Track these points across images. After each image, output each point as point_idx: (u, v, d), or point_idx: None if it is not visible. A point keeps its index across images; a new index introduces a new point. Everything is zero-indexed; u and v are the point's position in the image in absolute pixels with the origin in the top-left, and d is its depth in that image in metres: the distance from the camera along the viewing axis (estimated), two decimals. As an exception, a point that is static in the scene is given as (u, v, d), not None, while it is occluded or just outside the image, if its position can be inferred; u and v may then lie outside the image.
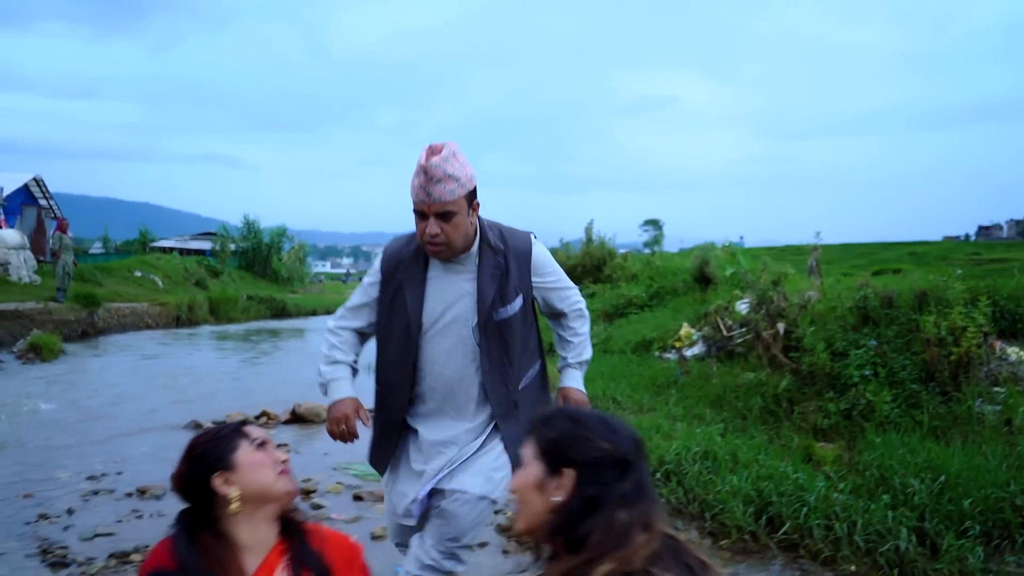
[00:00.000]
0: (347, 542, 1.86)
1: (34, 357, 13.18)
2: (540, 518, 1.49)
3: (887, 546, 3.91)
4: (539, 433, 1.54)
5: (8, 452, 6.28)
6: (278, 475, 1.78)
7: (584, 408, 1.65)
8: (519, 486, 1.54)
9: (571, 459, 1.47)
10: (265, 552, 1.77)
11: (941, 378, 5.85)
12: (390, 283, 2.51)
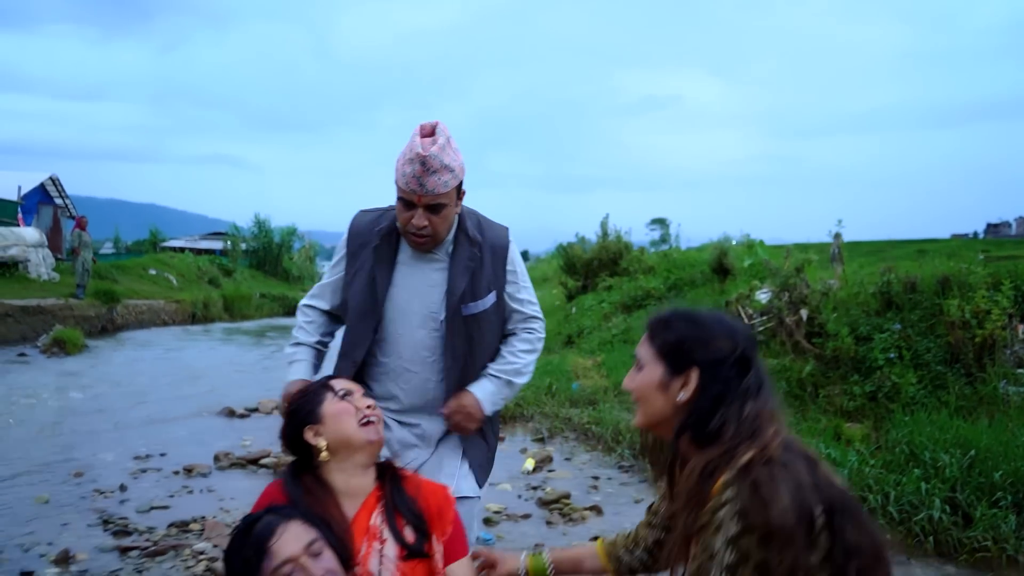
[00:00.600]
0: (442, 492, 1.97)
1: (58, 351, 13.35)
2: (663, 416, 1.59)
3: (921, 515, 4.04)
4: (657, 335, 1.61)
5: (51, 437, 6.45)
6: (360, 425, 1.90)
7: (700, 308, 1.72)
8: (641, 387, 1.60)
9: (694, 359, 1.54)
10: (363, 498, 1.89)
11: (966, 360, 5.96)
12: (355, 261, 2.32)
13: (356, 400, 1.94)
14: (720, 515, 1.41)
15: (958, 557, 3.82)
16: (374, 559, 1.84)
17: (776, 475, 1.40)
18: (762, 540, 1.37)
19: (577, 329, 12.00)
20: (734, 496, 1.39)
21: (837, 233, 7.97)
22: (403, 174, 2.12)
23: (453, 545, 1.89)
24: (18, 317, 15.19)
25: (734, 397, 1.52)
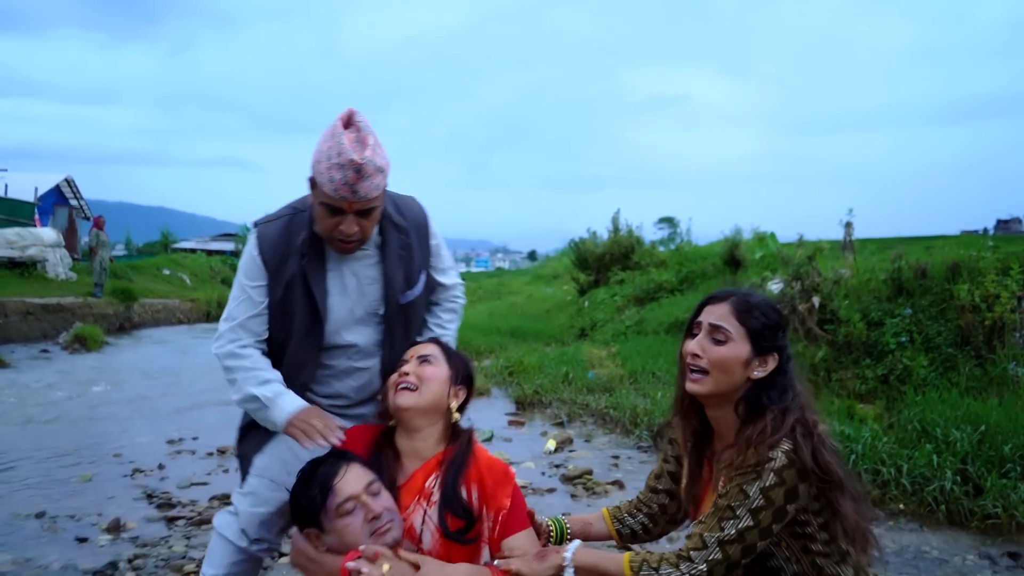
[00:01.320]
0: (501, 464, 2.13)
1: (79, 348, 13.59)
2: (732, 387, 1.85)
3: (933, 486, 4.18)
4: (749, 316, 1.85)
5: (84, 423, 6.66)
6: (395, 391, 2.08)
7: (762, 295, 1.97)
8: (726, 359, 1.83)
9: (776, 344, 1.85)
10: (424, 460, 2.08)
11: (976, 342, 6.10)
12: (278, 281, 2.13)
13: (401, 368, 2.09)
14: (766, 468, 1.73)
15: (969, 524, 3.96)
16: (418, 516, 2.01)
17: (816, 444, 1.75)
18: (789, 491, 1.71)
19: (590, 322, 12.16)
20: (778, 457, 1.72)
21: (848, 222, 8.11)
22: (330, 180, 1.95)
23: (512, 518, 2.04)
24: (39, 315, 15.44)
25: (791, 379, 1.83)
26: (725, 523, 1.74)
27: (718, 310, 1.88)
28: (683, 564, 1.76)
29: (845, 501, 1.77)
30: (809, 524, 1.79)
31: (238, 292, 2.15)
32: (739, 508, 1.73)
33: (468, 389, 2.17)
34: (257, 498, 2.12)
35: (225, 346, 2.13)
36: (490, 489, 2.04)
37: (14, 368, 10.59)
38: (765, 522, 1.73)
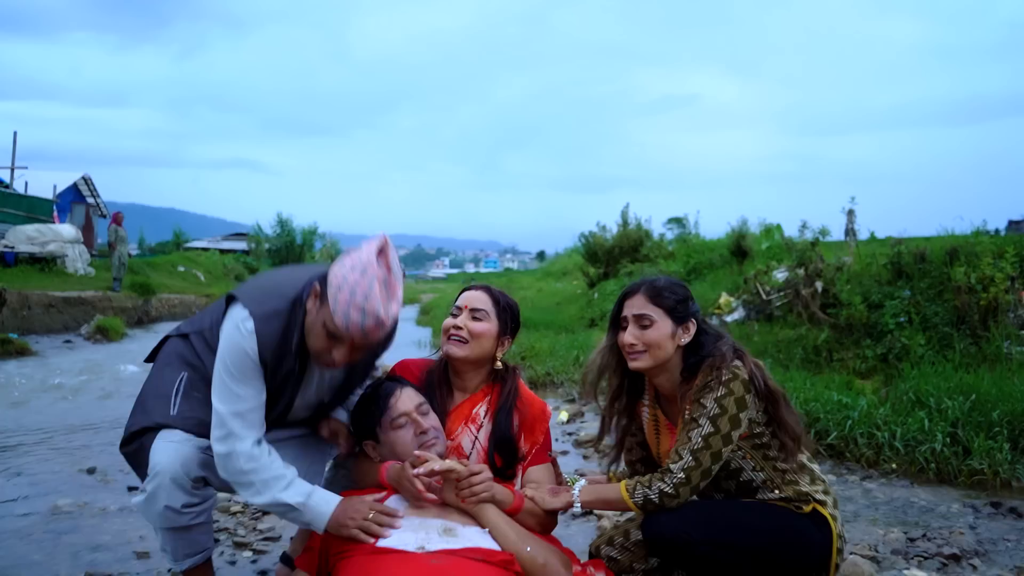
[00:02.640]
0: (540, 403, 2.46)
1: (102, 338, 13.97)
2: (667, 357, 2.26)
3: (924, 448, 4.45)
4: (661, 299, 2.26)
5: (119, 400, 6.99)
6: (447, 340, 2.38)
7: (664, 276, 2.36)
8: (656, 338, 2.27)
9: (690, 313, 2.27)
10: (471, 394, 2.41)
11: (971, 322, 6.35)
12: (273, 376, 2.10)
13: (455, 320, 2.37)
14: (715, 381, 2.15)
15: (956, 481, 4.22)
16: (467, 439, 2.34)
17: (743, 359, 2.20)
18: (738, 400, 2.12)
19: (600, 312, 12.45)
20: (716, 373, 2.15)
21: (850, 210, 8.37)
22: (346, 316, 1.92)
23: (540, 451, 2.38)
24: (60, 308, 15.84)
25: (712, 331, 2.29)
26: (692, 433, 2.12)
27: (636, 301, 2.28)
28: (666, 476, 2.12)
29: (785, 413, 2.20)
30: (763, 435, 2.20)
31: (235, 388, 2.02)
32: (700, 418, 2.12)
33: (514, 336, 2.46)
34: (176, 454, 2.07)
35: (235, 445, 2.01)
36: (529, 423, 2.38)
37: (42, 356, 10.95)
38: (724, 429, 2.10)
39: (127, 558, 2.98)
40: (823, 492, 2.26)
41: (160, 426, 2.11)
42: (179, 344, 2.28)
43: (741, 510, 2.25)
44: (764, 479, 2.23)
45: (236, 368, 2.02)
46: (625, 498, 2.15)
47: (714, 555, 2.18)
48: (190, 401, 2.15)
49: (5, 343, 11.27)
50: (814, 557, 2.25)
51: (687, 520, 2.21)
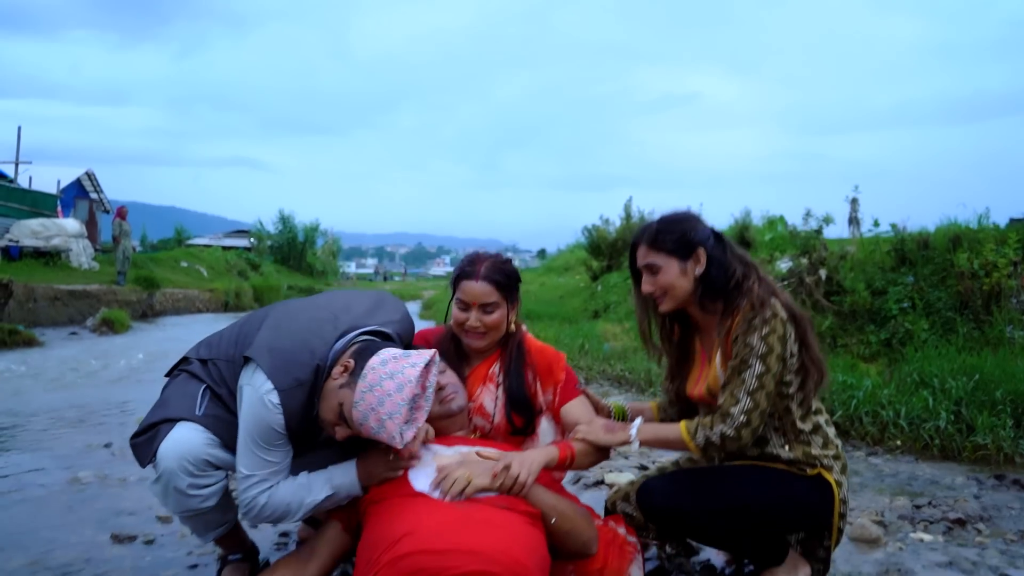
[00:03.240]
0: (550, 351, 2.53)
1: (107, 330, 14.04)
2: (687, 294, 2.28)
3: (928, 425, 4.51)
4: (659, 242, 2.29)
5: (129, 385, 7.07)
6: (465, 334, 2.44)
7: (666, 213, 2.38)
8: (666, 282, 2.31)
9: (695, 241, 2.27)
10: (486, 357, 2.48)
11: (974, 307, 6.41)
12: (296, 435, 2.11)
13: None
14: (757, 320, 2.09)
15: (961, 457, 4.28)
16: (488, 397, 2.41)
17: (779, 292, 2.22)
18: (781, 338, 2.14)
19: (604, 304, 12.51)
20: (760, 312, 2.15)
21: (854, 199, 8.43)
22: (363, 419, 1.95)
23: (566, 389, 2.45)
24: (66, 300, 15.91)
25: (727, 256, 2.26)
26: (745, 374, 2.14)
27: (640, 252, 2.34)
28: (727, 419, 2.15)
29: (811, 336, 2.23)
30: (791, 384, 2.22)
31: (265, 456, 2.04)
32: (750, 358, 2.13)
33: (517, 294, 2.51)
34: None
35: (268, 498, 2.06)
36: (544, 369, 2.44)
37: (49, 347, 11.02)
38: (774, 368, 2.13)
39: (150, 522, 3.04)
40: (833, 457, 2.29)
41: (181, 419, 2.12)
42: (199, 367, 2.26)
43: (735, 476, 2.29)
44: (778, 427, 2.28)
45: (264, 440, 2.01)
46: (686, 439, 2.19)
47: (708, 524, 2.25)
48: (215, 411, 2.16)
49: (12, 333, 11.35)
50: (812, 521, 2.30)
51: (680, 490, 2.28)
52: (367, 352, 2.02)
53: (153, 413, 2.18)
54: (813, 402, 2.31)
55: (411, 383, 1.93)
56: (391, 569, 1.78)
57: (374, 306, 2.28)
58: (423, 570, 1.75)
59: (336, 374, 2.01)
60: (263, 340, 2.06)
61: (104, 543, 2.78)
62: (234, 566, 2.38)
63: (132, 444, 2.17)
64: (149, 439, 2.12)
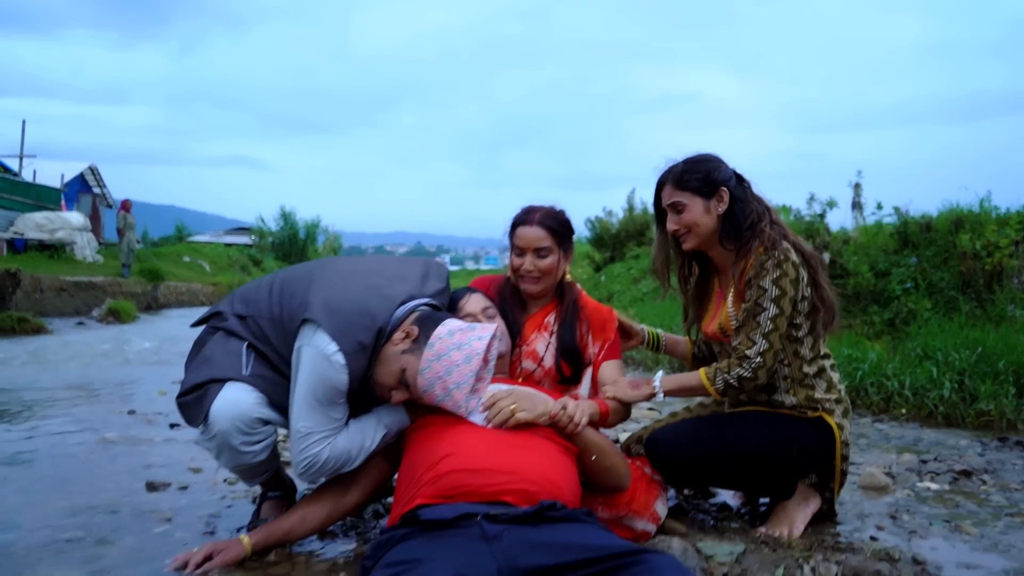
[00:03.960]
0: (605, 308, 2.65)
1: (113, 320, 14.14)
2: (710, 232, 2.39)
3: (933, 394, 4.61)
4: (685, 181, 2.39)
5: (146, 366, 7.16)
6: (519, 279, 2.56)
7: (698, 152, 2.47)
8: (692, 219, 2.39)
9: (719, 181, 2.38)
10: (543, 305, 2.61)
11: (976, 286, 6.51)
12: (354, 394, 2.13)
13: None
14: (770, 263, 2.19)
15: (964, 423, 4.39)
16: (541, 344, 2.53)
17: (789, 234, 2.34)
18: (793, 281, 2.24)
19: (607, 293, 12.61)
20: (771, 254, 2.25)
21: (857, 184, 8.52)
22: (429, 387, 2.02)
23: (612, 348, 2.56)
24: (72, 291, 16.00)
25: (747, 196, 2.38)
26: (760, 317, 2.24)
27: (666, 192, 2.44)
28: (744, 362, 2.25)
29: (822, 276, 2.34)
30: (801, 327, 2.34)
31: (328, 412, 2.07)
32: (763, 301, 2.23)
33: (572, 243, 2.63)
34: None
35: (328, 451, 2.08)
36: (598, 325, 2.57)
37: (57, 334, 11.12)
38: (787, 310, 2.23)
39: (182, 472, 3.14)
40: (835, 401, 2.39)
41: (228, 379, 2.13)
42: (237, 323, 2.26)
43: (738, 422, 2.40)
44: (787, 374, 2.38)
45: (327, 397, 2.03)
46: (706, 384, 2.29)
47: (713, 471, 2.36)
48: (261, 370, 2.18)
49: (22, 321, 11.45)
50: (813, 462, 2.41)
51: (681, 437, 2.39)
52: (430, 321, 2.06)
53: (197, 372, 2.18)
54: (821, 346, 2.41)
55: (478, 355, 1.98)
56: (432, 487, 1.88)
57: (424, 275, 2.30)
58: (463, 486, 1.85)
59: (397, 340, 2.05)
60: (321, 301, 2.06)
61: (139, 490, 2.88)
62: (273, 502, 2.48)
63: (179, 404, 2.19)
64: (198, 399, 2.13)
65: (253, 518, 2.47)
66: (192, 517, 2.55)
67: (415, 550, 1.64)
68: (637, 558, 1.52)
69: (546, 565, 1.56)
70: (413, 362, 2.01)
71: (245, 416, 2.09)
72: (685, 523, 2.44)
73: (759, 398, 2.43)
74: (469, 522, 1.72)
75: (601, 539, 1.67)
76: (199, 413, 2.12)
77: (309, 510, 2.21)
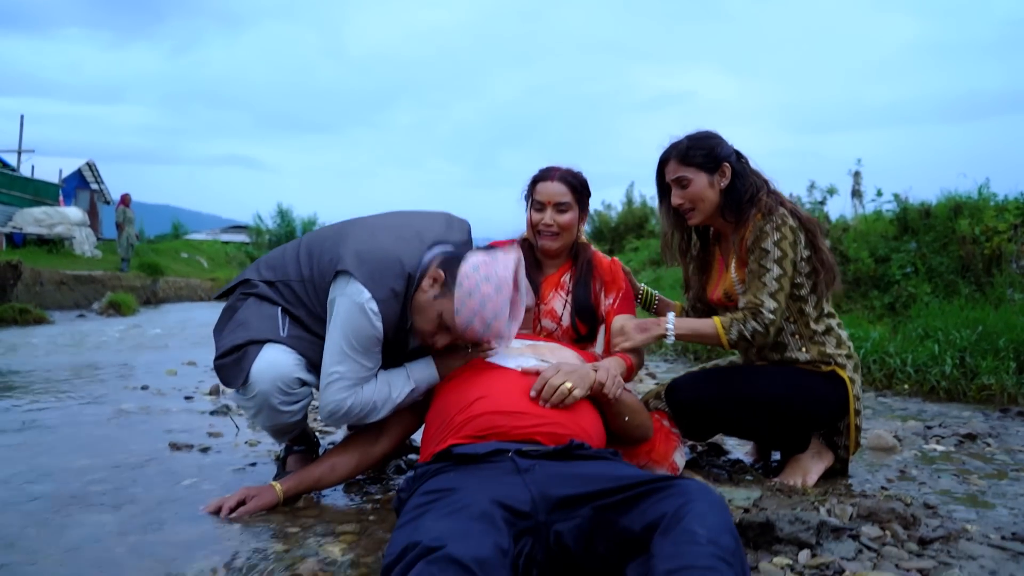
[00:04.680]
0: (617, 263, 2.72)
1: (114, 312, 14.15)
2: (713, 206, 2.48)
3: (935, 371, 4.69)
4: (689, 157, 2.48)
5: (149, 351, 7.20)
6: (538, 235, 2.62)
7: (699, 130, 2.54)
8: (696, 193, 2.49)
9: (722, 156, 2.47)
10: (559, 266, 2.68)
11: (975, 270, 6.59)
12: (388, 342, 2.19)
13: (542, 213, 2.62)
14: (769, 227, 2.27)
15: (966, 397, 4.46)
16: (559, 302, 2.59)
17: (785, 201, 2.42)
18: (792, 243, 2.33)
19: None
20: (769, 219, 2.34)
21: (856, 172, 8.60)
22: (468, 323, 2.06)
23: (625, 298, 2.62)
24: (72, 285, 16.01)
25: (747, 171, 2.47)
26: (765, 278, 2.32)
27: (671, 167, 2.52)
28: (759, 317, 2.33)
29: (820, 239, 2.43)
30: (803, 286, 2.42)
31: (361, 360, 2.11)
32: (767, 263, 2.32)
33: (589, 204, 2.71)
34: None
35: (356, 397, 2.13)
36: (610, 278, 2.64)
37: (59, 325, 11.14)
38: (789, 271, 2.33)
39: (202, 437, 3.20)
40: (845, 356, 2.47)
41: (267, 341, 2.16)
42: (267, 289, 2.29)
43: (756, 373, 2.49)
44: (795, 331, 2.46)
45: (362, 345, 2.08)
46: (720, 333, 2.35)
47: (732, 414, 2.43)
48: (296, 331, 2.21)
49: (23, 312, 11.47)
50: (827, 412, 2.48)
51: (703, 385, 2.47)
52: (453, 260, 2.10)
53: (234, 334, 2.20)
54: (825, 305, 2.49)
55: (507, 283, 2.03)
56: (465, 427, 1.93)
57: (447, 226, 2.34)
58: (495, 427, 1.91)
59: (426, 287, 2.09)
60: (353, 254, 2.10)
61: (163, 450, 2.93)
62: (298, 455, 2.54)
63: (218, 366, 2.22)
64: (237, 360, 2.16)
65: (279, 471, 2.53)
66: (218, 472, 2.61)
67: (451, 480, 1.70)
68: (666, 483, 1.58)
69: (578, 493, 1.62)
70: (447, 305, 2.06)
71: (286, 377, 2.13)
72: (701, 475, 2.51)
73: (772, 356, 2.50)
74: (501, 457, 1.78)
75: (631, 471, 1.73)
76: (239, 374, 2.16)
77: (339, 459, 2.27)
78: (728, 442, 3.11)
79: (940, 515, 2.11)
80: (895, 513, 1.96)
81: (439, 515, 1.51)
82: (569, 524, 1.59)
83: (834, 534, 1.81)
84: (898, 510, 1.96)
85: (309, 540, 1.90)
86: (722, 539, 1.38)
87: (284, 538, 1.91)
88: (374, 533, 1.96)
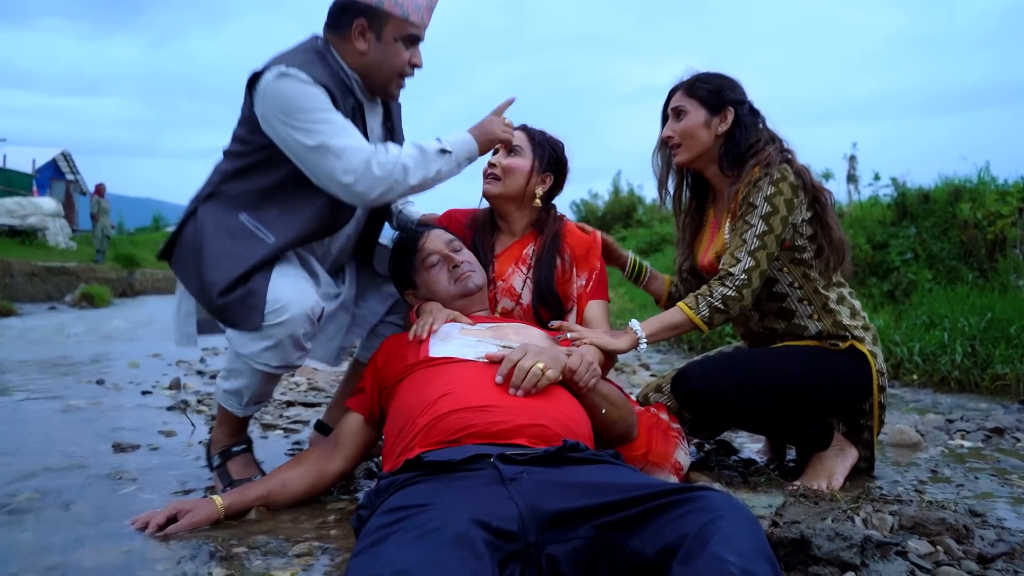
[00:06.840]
0: (591, 238, 2.37)
1: (87, 305, 13.74)
2: (705, 148, 2.21)
3: (944, 360, 4.43)
4: (696, 88, 2.21)
5: (116, 343, 6.85)
6: (484, 179, 2.30)
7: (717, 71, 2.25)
8: (687, 128, 2.22)
9: (728, 99, 2.19)
10: (517, 237, 2.32)
11: (978, 256, 6.36)
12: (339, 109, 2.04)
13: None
14: (764, 180, 2.08)
15: (980, 388, 4.21)
16: (518, 279, 2.26)
17: (791, 162, 2.13)
18: (787, 201, 2.06)
19: (594, 275, 12.43)
20: (766, 171, 2.09)
21: (852, 156, 8.36)
22: (416, 7, 2.01)
23: (599, 281, 2.29)
24: (44, 277, 15.55)
25: (758, 127, 2.20)
26: (746, 235, 2.05)
27: (676, 97, 2.25)
28: (727, 280, 2.04)
29: (830, 216, 2.15)
30: (805, 249, 2.14)
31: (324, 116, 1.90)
32: (752, 218, 2.05)
33: (558, 175, 2.36)
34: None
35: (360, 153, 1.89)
36: (582, 254, 2.29)
37: (27, 317, 10.73)
38: (777, 229, 2.04)
39: (153, 436, 2.88)
40: (862, 328, 2.22)
41: (265, 263, 1.92)
42: (209, 206, 2.03)
43: (770, 355, 2.20)
44: (802, 297, 2.18)
45: (310, 101, 1.88)
46: (690, 316, 2.06)
47: (748, 401, 2.12)
48: (275, 222, 1.99)
49: (-10, 304, 11.06)
50: (852, 393, 2.21)
51: (716, 372, 2.16)
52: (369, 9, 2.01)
53: (221, 268, 1.90)
54: (834, 275, 2.22)
55: None
56: (432, 431, 1.62)
57: None
58: (468, 426, 1.60)
59: (360, 44, 2.01)
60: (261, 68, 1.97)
61: (105, 451, 2.61)
62: (246, 457, 2.21)
63: (221, 306, 1.89)
64: (244, 295, 1.87)
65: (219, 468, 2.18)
66: (163, 477, 2.29)
67: (422, 494, 1.38)
68: (687, 495, 1.28)
69: (577, 508, 1.32)
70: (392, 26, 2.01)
71: (317, 305, 1.94)
72: (711, 477, 2.22)
73: (778, 326, 2.22)
74: (482, 463, 1.48)
75: (639, 479, 1.44)
76: (251, 309, 1.87)
77: (290, 475, 1.97)
78: (736, 439, 2.83)
79: (990, 524, 1.83)
80: (945, 524, 1.68)
81: (405, 539, 1.20)
82: (566, 547, 1.29)
83: (879, 551, 1.52)
84: (948, 520, 1.68)
85: (255, 563, 1.59)
86: (758, 568, 1.09)
87: (226, 561, 1.60)
88: (336, 555, 1.66)
